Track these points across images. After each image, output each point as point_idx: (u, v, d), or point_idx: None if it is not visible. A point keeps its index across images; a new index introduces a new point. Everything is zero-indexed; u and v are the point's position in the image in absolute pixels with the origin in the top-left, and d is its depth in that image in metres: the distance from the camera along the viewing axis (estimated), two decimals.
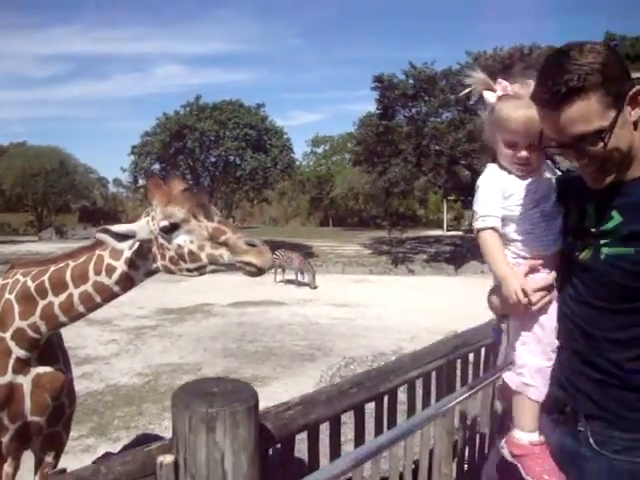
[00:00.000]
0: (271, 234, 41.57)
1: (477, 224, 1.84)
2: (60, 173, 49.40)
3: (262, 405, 1.67)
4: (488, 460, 2.27)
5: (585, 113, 1.48)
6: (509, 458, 1.85)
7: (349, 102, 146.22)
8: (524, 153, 1.77)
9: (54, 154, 50.36)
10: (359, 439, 2.22)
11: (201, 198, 2.33)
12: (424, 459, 2.59)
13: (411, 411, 2.54)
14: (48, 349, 2.62)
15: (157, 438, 3.71)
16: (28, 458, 2.85)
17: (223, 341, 11.82)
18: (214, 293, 16.79)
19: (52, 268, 2.49)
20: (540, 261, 1.80)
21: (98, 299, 2.47)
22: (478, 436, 3.02)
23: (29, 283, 2.49)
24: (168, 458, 1.34)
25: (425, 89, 28.77)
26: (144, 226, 2.32)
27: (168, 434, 1.59)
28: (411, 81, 29.10)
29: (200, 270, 2.31)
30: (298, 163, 44.65)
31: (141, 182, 29.73)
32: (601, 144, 1.50)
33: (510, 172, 1.84)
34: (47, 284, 2.46)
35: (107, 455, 3.70)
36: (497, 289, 1.86)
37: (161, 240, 2.29)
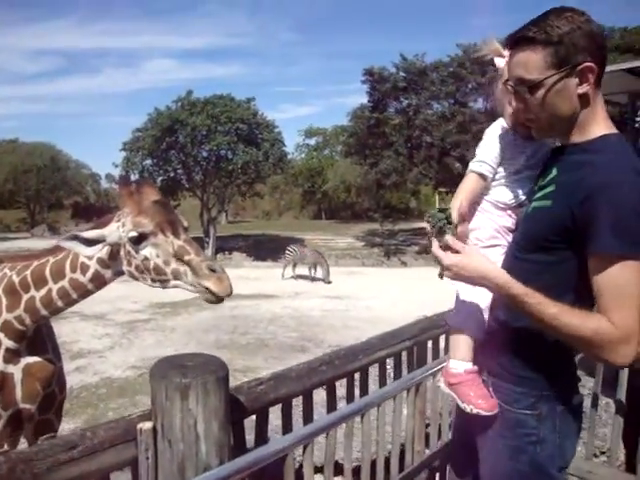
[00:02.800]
0: (264, 228, 41.68)
1: (472, 164, 1.99)
2: (52, 169, 49.45)
3: None
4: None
5: (527, 61, 1.62)
6: (445, 390, 1.98)
7: (341, 95, 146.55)
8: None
9: (45, 150, 50.36)
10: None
11: (170, 214, 2.38)
12: (397, 436, 2.74)
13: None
14: (37, 340, 2.70)
15: None
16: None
17: (215, 333, 11.98)
18: None
19: (35, 263, 2.57)
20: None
21: (74, 295, 2.53)
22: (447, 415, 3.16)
23: (14, 278, 2.56)
24: (147, 424, 1.49)
25: (416, 81, 28.90)
26: (114, 231, 2.36)
27: None
28: (402, 74, 29.22)
29: (163, 283, 2.34)
30: (291, 155, 44.68)
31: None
32: (532, 96, 1.64)
33: (515, 132, 1.95)
34: (29, 279, 2.54)
35: None
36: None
37: (129, 248, 2.34)
